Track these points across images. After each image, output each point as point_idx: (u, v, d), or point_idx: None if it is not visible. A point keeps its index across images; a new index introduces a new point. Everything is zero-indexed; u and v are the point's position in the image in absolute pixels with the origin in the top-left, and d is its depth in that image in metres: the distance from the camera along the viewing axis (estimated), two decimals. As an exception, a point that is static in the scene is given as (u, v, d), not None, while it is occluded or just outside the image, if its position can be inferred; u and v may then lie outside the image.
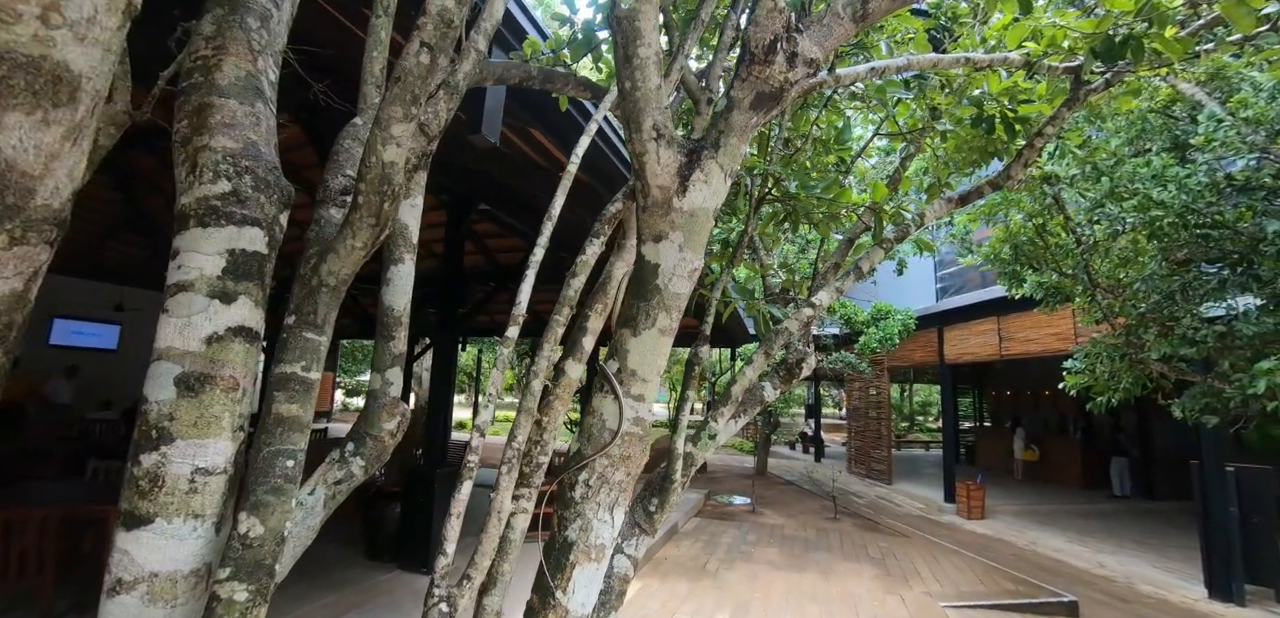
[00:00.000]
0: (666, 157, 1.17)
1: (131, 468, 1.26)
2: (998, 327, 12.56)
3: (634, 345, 1.30)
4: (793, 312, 2.18)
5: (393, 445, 1.77)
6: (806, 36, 1.17)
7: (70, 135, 0.64)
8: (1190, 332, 5.10)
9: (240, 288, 1.32)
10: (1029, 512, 13.53)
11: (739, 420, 2.19)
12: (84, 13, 0.63)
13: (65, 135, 0.63)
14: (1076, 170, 4.74)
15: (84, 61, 0.61)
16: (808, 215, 2.27)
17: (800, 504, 13.79)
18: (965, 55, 1.77)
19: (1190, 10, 1.69)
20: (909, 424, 28.15)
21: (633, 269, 1.33)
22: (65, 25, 0.65)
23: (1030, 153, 2.29)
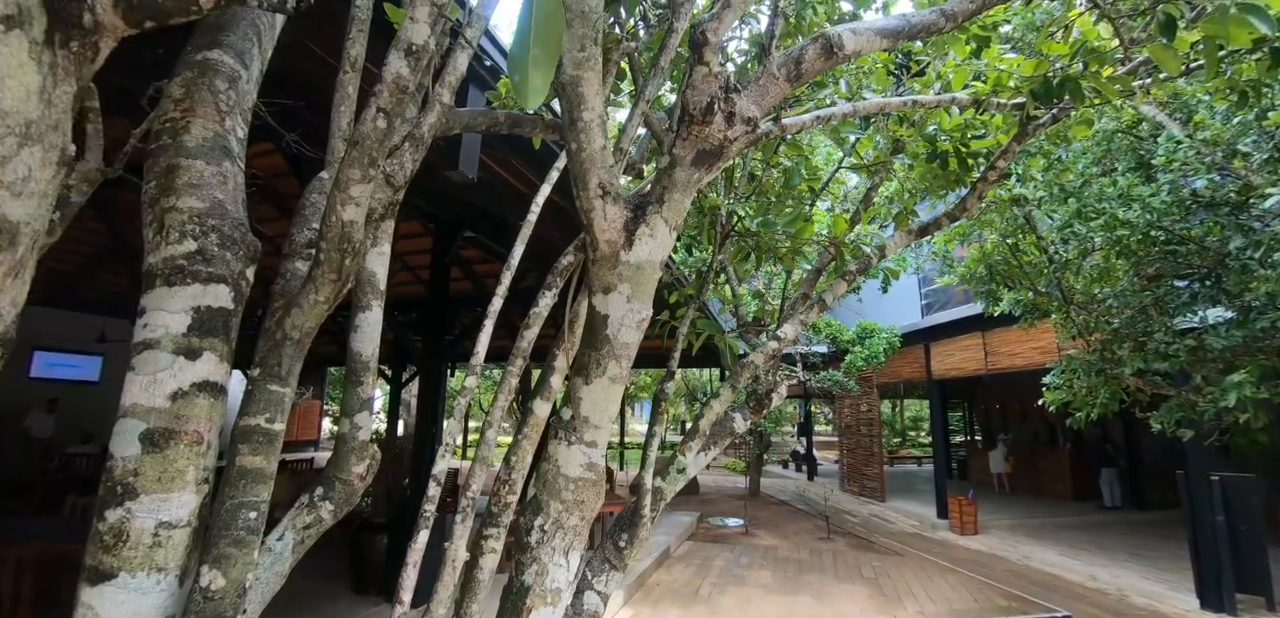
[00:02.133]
0: (613, 213, 1.23)
1: (96, 523, 1.29)
2: (983, 342, 12.69)
3: (586, 393, 1.35)
4: (760, 344, 2.24)
5: (362, 488, 1.80)
6: (744, 96, 1.24)
7: (10, 273, 0.69)
8: (1163, 346, 5.20)
9: (205, 344, 1.37)
10: (1021, 526, 13.56)
11: (708, 453, 2.23)
12: (20, 174, 0.69)
13: (5, 273, 0.67)
14: (1043, 192, 4.87)
15: (21, 212, 0.66)
16: (772, 249, 2.34)
17: (793, 524, 13.76)
18: (913, 98, 1.85)
19: (1124, 54, 1.77)
20: (901, 440, 28.19)
21: (584, 320, 1.39)
22: (3, 186, 0.71)
23: (984, 185, 2.38)
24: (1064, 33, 1.98)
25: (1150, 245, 5.08)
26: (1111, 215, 4.69)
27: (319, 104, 2.04)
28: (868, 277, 2.46)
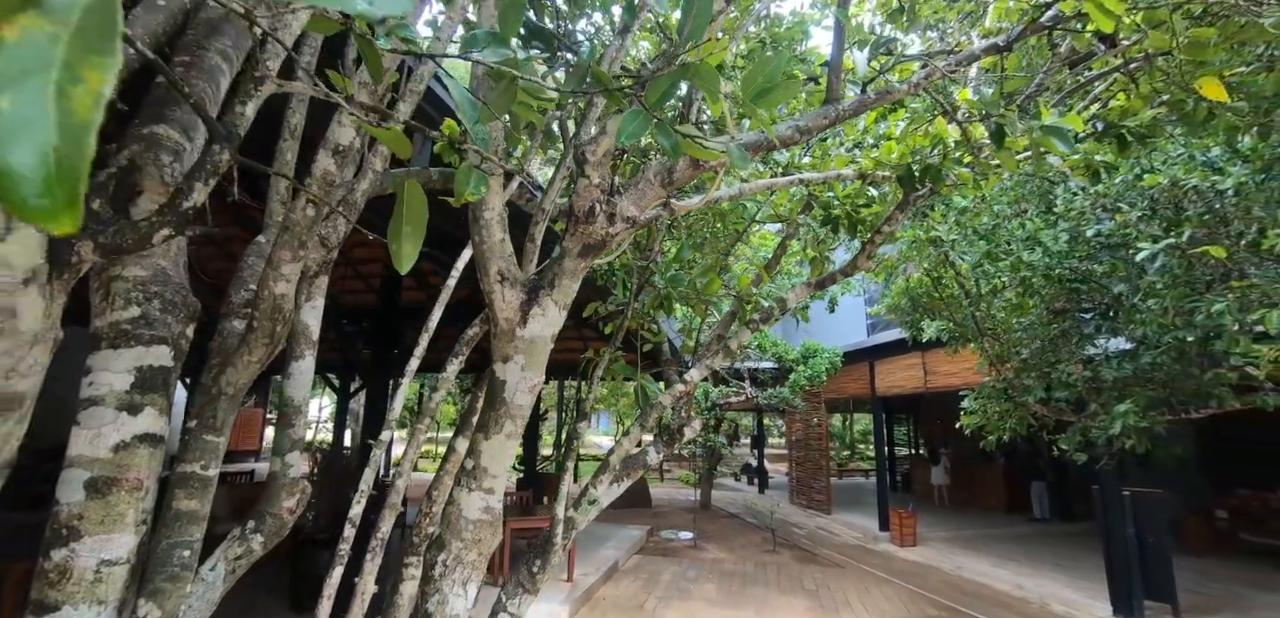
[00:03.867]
0: (510, 295, 1.45)
1: (42, 563, 1.44)
2: (922, 361, 13.32)
3: (486, 447, 1.56)
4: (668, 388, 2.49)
5: (293, 522, 1.97)
6: (625, 198, 1.49)
7: (17, 421, 0.86)
8: (1064, 376, 5.70)
9: (146, 399, 1.53)
10: (956, 538, 14.22)
11: (620, 485, 2.47)
12: (29, 363, 0.88)
13: (14, 423, 0.85)
14: (957, 234, 5.32)
15: (28, 385, 0.85)
16: (685, 300, 2.60)
17: (742, 537, 14.12)
18: (800, 176, 2.13)
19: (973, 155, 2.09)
20: (850, 453, 29.08)
21: (486, 383, 1.61)
22: (18, 374, 0.91)
23: (871, 247, 2.69)
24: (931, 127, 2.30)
25: (1054, 284, 5.58)
26: (1017, 257, 5.15)
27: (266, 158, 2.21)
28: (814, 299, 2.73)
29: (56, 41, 0.26)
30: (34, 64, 0.25)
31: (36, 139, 0.25)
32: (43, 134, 0.25)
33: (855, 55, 1.76)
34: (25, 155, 0.25)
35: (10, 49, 0.25)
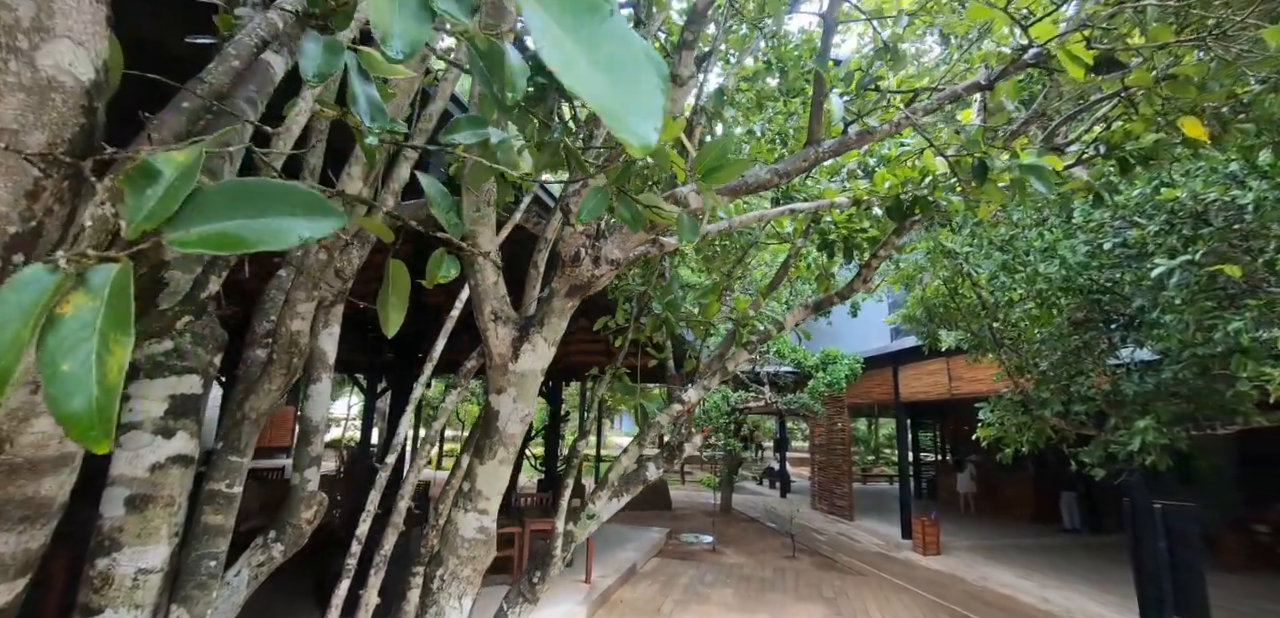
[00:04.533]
0: (503, 333, 1.57)
1: (88, 570, 1.61)
2: (947, 368, 13.15)
3: (481, 471, 1.69)
4: (664, 407, 2.59)
5: (310, 531, 2.13)
6: (609, 242, 1.59)
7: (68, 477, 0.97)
8: (1084, 389, 5.64)
9: (179, 424, 1.69)
10: (981, 547, 13.99)
11: (619, 500, 2.57)
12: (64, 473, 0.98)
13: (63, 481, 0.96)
14: (970, 246, 5.30)
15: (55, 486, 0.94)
16: (684, 322, 2.70)
17: (761, 542, 14.11)
18: (791, 207, 2.21)
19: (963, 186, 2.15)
20: (875, 458, 28.71)
21: (481, 412, 1.73)
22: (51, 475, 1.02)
23: (868, 271, 2.76)
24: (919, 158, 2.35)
25: (1075, 294, 5.51)
26: (1033, 269, 5.12)
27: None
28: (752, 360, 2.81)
29: (96, 314, 0.38)
30: (81, 335, 0.38)
31: (85, 394, 0.38)
32: (88, 391, 0.38)
33: (833, 101, 1.83)
34: (78, 404, 0.38)
35: (66, 322, 0.37)
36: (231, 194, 0.50)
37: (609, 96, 0.31)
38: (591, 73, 0.31)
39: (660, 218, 1.08)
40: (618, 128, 0.30)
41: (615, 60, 0.32)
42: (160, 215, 0.47)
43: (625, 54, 0.32)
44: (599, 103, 0.31)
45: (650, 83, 0.33)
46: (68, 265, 0.39)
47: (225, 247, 0.48)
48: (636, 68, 0.32)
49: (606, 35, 0.32)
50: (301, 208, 0.54)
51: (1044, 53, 1.71)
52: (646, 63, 0.33)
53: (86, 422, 0.38)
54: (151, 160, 0.46)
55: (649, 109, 0.32)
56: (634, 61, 0.32)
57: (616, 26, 0.33)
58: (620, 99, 0.31)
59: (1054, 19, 1.78)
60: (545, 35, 0.31)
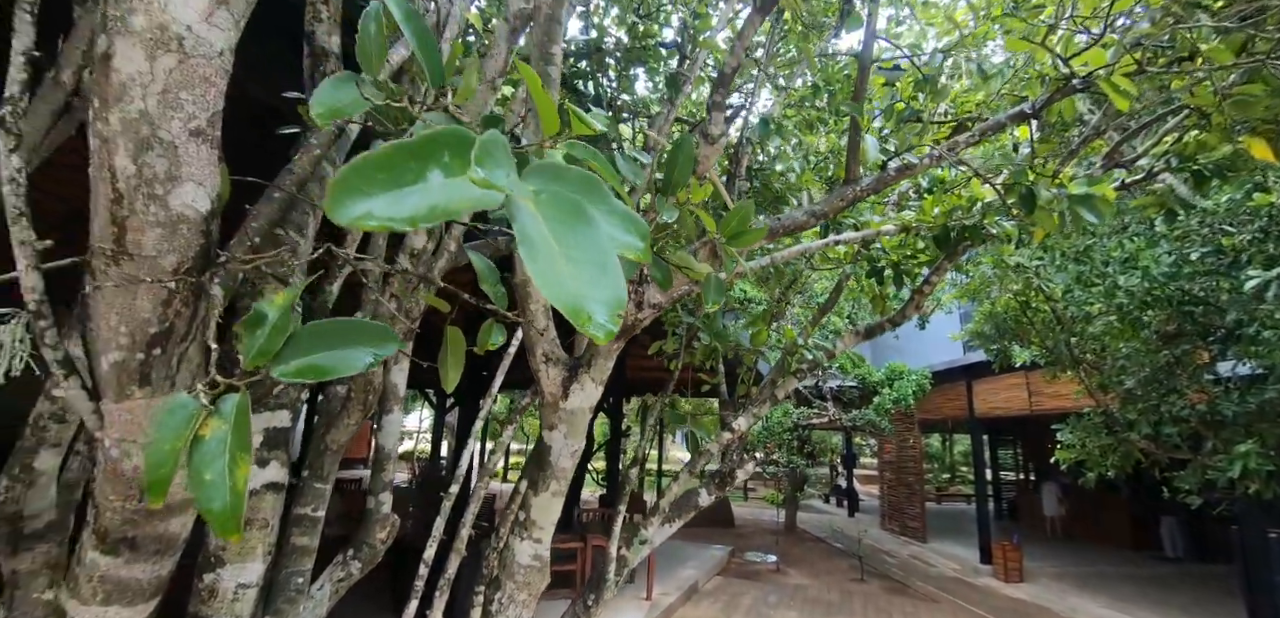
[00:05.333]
0: (553, 373, 1.69)
1: (197, 583, 1.83)
2: (1026, 382, 12.44)
3: (535, 502, 1.80)
4: (714, 435, 2.65)
5: (384, 550, 2.31)
6: (651, 286, 1.68)
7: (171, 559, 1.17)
8: (1175, 410, 5.24)
9: (272, 455, 1.90)
10: (1070, 575, 13.08)
11: (671, 526, 2.64)
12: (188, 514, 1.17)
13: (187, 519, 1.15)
14: (1041, 259, 5.03)
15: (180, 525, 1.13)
16: (736, 351, 2.75)
17: (827, 563, 13.74)
18: (836, 238, 2.24)
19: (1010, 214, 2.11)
20: (950, 476, 27.30)
21: (535, 447, 1.85)
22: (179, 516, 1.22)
23: (920, 297, 2.72)
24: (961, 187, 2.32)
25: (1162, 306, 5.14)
26: (1111, 283, 4.82)
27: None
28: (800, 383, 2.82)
29: (226, 435, 0.51)
30: (217, 451, 0.51)
31: (222, 497, 0.51)
32: (224, 495, 0.51)
33: (868, 143, 1.85)
34: (217, 505, 0.51)
35: (206, 443, 0.50)
36: (317, 333, 0.63)
37: (574, 294, 0.39)
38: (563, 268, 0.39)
39: (692, 274, 1.16)
40: (581, 323, 0.39)
41: (585, 257, 0.41)
42: (268, 352, 0.60)
43: (596, 253, 0.41)
44: (565, 304, 0.39)
45: (613, 281, 0.41)
46: (205, 396, 0.52)
47: (313, 375, 0.61)
48: (603, 265, 0.41)
49: (584, 238, 0.41)
50: (368, 339, 0.67)
51: (1090, 80, 1.68)
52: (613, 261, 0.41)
53: (223, 518, 0.51)
54: (260, 308, 0.60)
55: (608, 301, 0.40)
56: (601, 259, 0.41)
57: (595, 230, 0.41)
58: (585, 294, 0.40)
59: (1104, 44, 1.74)
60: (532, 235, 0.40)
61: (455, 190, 0.40)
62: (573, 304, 0.39)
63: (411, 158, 0.40)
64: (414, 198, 0.39)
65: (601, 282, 0.41)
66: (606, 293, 0.41)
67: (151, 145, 0.64)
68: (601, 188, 0.46)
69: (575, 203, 0.42)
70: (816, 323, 3.01)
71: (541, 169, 0.45)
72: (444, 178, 0.40)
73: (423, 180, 0.40)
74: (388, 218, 0.39)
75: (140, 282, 0.69)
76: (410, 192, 0.39)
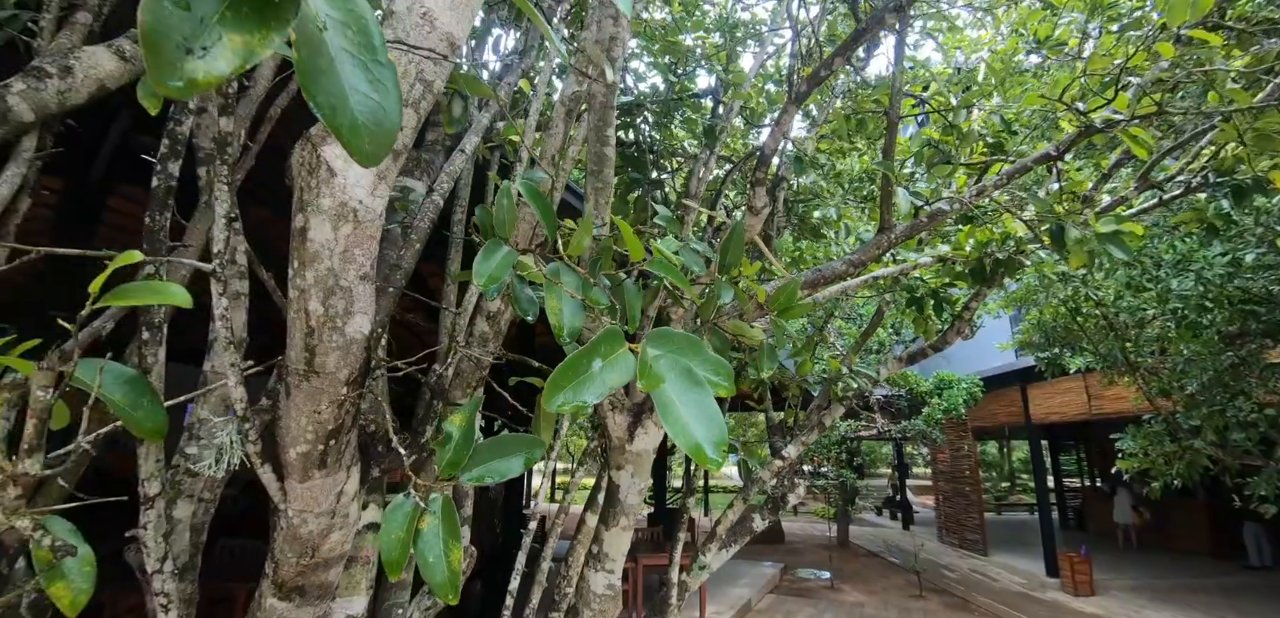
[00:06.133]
0: (619, 419, 1.88)
1: (311, 615, 2.08)
2: (1084, 385, 12.01)
3: (607, 537, 1.99)
4: (767, 461, 2.79)
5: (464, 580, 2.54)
6: (704, 337, 1.86)
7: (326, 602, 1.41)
8: (1242, 414, 5.07)
9: (371, 498, 2.15)
10: (1145, 587, 12.45)
11: (728, 551, 2.79)
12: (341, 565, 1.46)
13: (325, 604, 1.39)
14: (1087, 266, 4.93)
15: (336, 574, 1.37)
16: (781, 382, 2.89)
17: (883, 579, 13.46)
18: (873, 276, 2.37)
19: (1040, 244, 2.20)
20: (1010, 485, 26.24)
21: (606, 486, 2.05)
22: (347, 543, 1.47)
23: (961, 323, 2.81)
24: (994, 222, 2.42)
25: (1221, 308, 5.00)
26: (1164, 286, 4.74)
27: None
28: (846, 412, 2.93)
29: (439, 525, 0.71)
30: (434, 538, 0.71)
31: (442, 573, 0.71)
32: (444, 571, 0.71)
33: (900, 195, 1.98)
34: (439, 579, 0.71)
35: (425, 534, 0.70)
36: (491, 447, 0.84)
37: (695, 439, 0.58)
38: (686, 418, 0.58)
39: (748, 341, 1.33)
40: (700, 459, 0.57)
41: (699, 411, 0.59)
42: (457, 464, 0.81)
43: (705, 407, 0.60)
44: (689, 447, 0.58)
45: (717, 424, 0.59)
46: (418, 496, 0.73)
47: (489, 478, 0.81)
48: (710, 416, 0.59)
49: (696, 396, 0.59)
50: (525, 448, 0.87)
51: (1110, 121, 1.78)
52: (715, 408, 0.60)
53: (444, 587, 0.71)
54: (447, 428, 0.80)
55: (716, 441, 0.59)
56: (709, 410, 0.59)
57: (702, 389, 0.60)
58: (701, 437, 0.58)
59: (1123, 87, 1.84)
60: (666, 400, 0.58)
61: (612, 373, 0.60)
62: (694, 446, 0.58)
63: (583, 358, 0.59)
64: (592, 385, 0.58)
65: (710, 426, 0.59)
66: (714, 434, 0.59)
67: (335, 292, 0.86)
68: (699, 345, 0.65)
69: (687, 367, 0.61)
70: (859, 349, 3.12)
71: (657, 337, 0.64)
72: (602, 363, 0.59)
73: (589, 369, 0.59)
74: (577, 402, 0.58)
75: (324, 392, 0.92)
76: (587, 379, 0.58)
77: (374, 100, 0.44)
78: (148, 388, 0.83)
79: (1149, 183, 2.50)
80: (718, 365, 0.66)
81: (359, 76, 0.44)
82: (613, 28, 1.55)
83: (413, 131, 0.84)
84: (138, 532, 1.34)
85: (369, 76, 0.44)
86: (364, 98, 0.44)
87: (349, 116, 0.43)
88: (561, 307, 0.82)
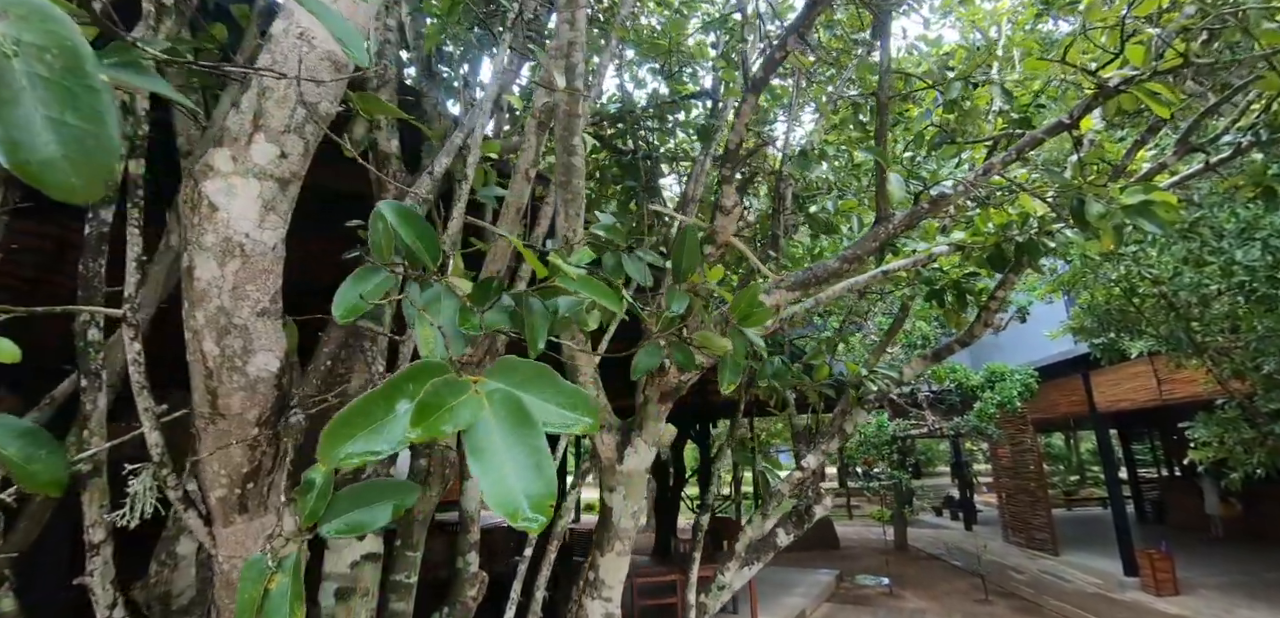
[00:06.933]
0: (608, 439, 1.80)
1: (313, 650, 2.07)
2: (1152, 369, 11.21)
3: (602, 563, 1.91)
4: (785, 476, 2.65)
5: (475, 607, 2.50)
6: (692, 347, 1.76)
7: None
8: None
9: (368, 530, 2.13)
10: (1238, 584, 11.45)
11: (750, 568, 2.66)
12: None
13: None
14: (1140, 242, 4.55)
15: None
16: (795, 389, 2.75)
17: (946, 583, 12.85)
18: (884, 270, 2.22)
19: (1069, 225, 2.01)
20: (1079, 478, 24.72)
21: (599, 508, 1.97)
22: None
23: (988, 315, 2.62)
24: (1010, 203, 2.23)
25: None
26: (1227, 258, 4.33)
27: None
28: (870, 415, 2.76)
29: (288, 587, 0.65)
30: (281, 601, 0.65)
31: None
32: None
33: (892, 180, 1.83)
34: None
35: (273, 595, 0.65)
36: (351, 495, 0.78)
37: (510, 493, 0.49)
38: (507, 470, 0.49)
39: (712, 350, 1.23)
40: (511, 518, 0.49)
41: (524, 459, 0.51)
42: (316, 514, 0.75)
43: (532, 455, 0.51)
44: (499, 505, 0.49)
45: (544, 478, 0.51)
46: (272, 558, 0.67)
47: (352, 531, 0.75)
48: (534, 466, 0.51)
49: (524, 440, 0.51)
50: (391, 495, 0.81)
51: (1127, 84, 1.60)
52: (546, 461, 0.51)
53: None
54: (309, 476, 0.75)
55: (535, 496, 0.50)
56: (534, 460, 0.51)
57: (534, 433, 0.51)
58: (516, 489, 0.50)
59: (1141, 41, 1.66)
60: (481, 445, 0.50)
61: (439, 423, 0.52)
62: (504, 502, 0.49)
63: (382, 400, 0.51)
64: (387, 432, 0.51)
65: (533, 477, 0.50)
66: (537, 487, 0.50)
67: (229, 331, 0.83)
68: (552, 379, 0.56)
69: (517, 405, 0.53)
70: (882, 351, 2.95)
71: (504, 368, 0.56)
72: (409, 404, 0.52)
73: (392, 414, 0.51)
74: (367, 452, 0.51)
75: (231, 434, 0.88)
76: (382, 427, 0.51)
77: (79, 130, 0.39)
78: (45, 440, 0.81)
79: (1190, 146, 2.27)
80: (574, 401, 0.57)
81: (60, 105, 0.38)
82: (569, 33, 1.49)
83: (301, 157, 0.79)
84: (85, 579, 1.34)
85: (74, 104, 0.39)
86: (66, 129, 0.38)
87: (39, 151, 0.38)
88: (432, 335, 0.75)
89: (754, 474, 2.65)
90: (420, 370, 0.53)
